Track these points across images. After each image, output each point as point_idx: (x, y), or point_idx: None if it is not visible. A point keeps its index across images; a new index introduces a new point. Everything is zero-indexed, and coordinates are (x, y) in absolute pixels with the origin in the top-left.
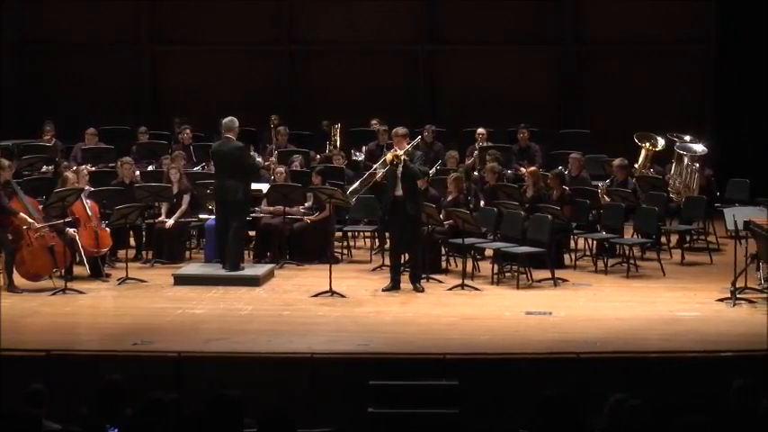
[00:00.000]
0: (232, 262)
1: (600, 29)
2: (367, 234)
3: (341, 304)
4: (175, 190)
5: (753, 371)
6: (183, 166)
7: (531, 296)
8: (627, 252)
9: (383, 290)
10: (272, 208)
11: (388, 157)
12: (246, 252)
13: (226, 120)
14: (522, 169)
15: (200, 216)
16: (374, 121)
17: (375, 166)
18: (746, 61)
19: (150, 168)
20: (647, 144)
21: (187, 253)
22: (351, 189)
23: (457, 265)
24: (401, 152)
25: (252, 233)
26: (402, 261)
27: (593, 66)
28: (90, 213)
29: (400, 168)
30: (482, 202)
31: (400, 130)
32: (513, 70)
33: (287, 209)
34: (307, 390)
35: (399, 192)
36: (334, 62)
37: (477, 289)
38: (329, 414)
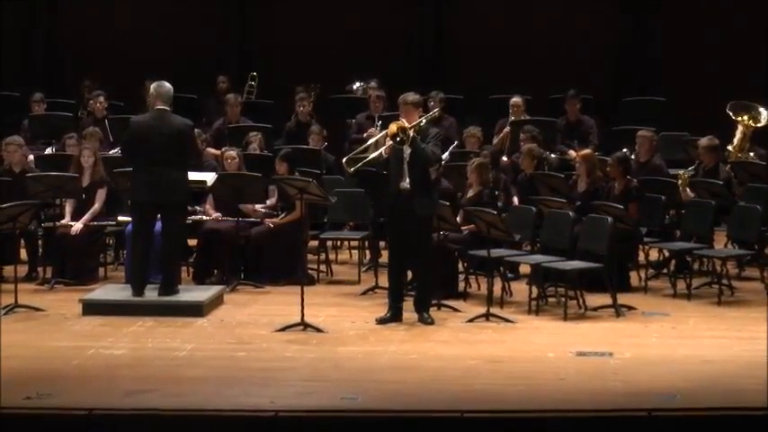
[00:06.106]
0: (169, 282)
1: None
2: (354, 243)
3: (317, 342)
4: (86, 182)
5: None
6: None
7: (584, 330)
8: (718, 269)
9: (377, 321)
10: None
11: (392, 128)
12: (184, 269)
13: (158, 85)
14: (572, 152)
15: (120, 218)
16: (372, 83)
17: (375, 137)
18: None
19: (49, 151)
20: (746, 118)
21: (101, 270)
22: (348, 157)
23: (480, 287)
24: (410, 126)
25: (192, 243)
26: (405, 281)
27: (668, 8)
28: None
29: (407, 150)
30: (515, 199)
31: (410, 96)
32: (556, 16)
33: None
34: None
35: (406, 183)
36: (305, 5)
37: (508, 320)
38: None
